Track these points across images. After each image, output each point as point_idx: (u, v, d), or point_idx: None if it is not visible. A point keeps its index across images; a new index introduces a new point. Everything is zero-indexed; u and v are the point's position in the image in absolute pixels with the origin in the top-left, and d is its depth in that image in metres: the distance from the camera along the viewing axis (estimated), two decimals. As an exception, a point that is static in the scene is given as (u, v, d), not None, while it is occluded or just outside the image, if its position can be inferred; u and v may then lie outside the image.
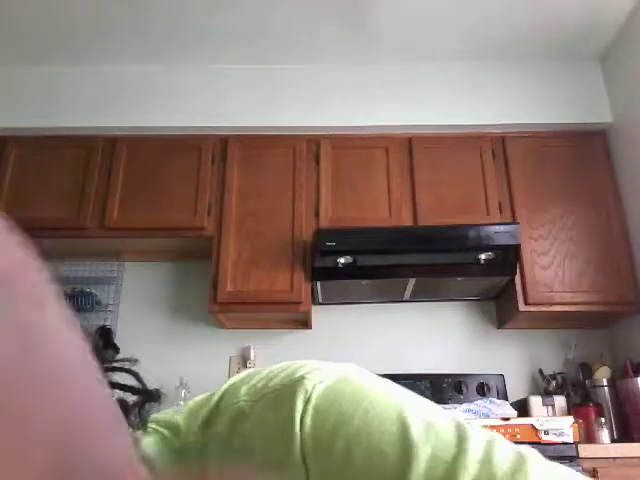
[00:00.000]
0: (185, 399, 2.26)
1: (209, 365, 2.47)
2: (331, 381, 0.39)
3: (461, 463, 0.33)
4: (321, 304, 2.55)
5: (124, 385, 0.48)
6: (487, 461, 0.33)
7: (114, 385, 0.47)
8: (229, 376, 2.44)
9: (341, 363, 0.41)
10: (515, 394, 2.39)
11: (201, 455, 0.41)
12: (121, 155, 2.54)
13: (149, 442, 0.42)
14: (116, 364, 0.48)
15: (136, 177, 2.51)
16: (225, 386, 0.44)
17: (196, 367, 2.44)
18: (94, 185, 2.49)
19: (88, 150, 2.55)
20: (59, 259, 2.60)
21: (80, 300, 2.52)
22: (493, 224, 2.31)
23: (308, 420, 0.37)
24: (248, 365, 2.49)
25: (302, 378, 0.40)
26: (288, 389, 0.40)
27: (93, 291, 2.57)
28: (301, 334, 2.56)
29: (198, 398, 0.46)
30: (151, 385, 0.49)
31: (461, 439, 0.34)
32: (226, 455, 0.40)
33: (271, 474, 0.38)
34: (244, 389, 0.42)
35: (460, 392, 2.35)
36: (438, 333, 2.56)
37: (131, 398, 0.48)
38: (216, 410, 0.43)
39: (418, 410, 0.37)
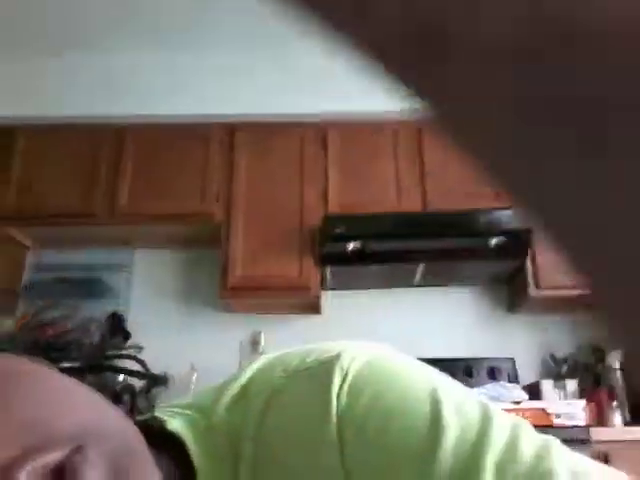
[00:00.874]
0: (196, 384, 2.27)
1: (220, 350, 2.48)
2: (367, 358, 0.40)
3: (486, 443, 0.34)
4: (331, 289, 2.55)
5: (131, 371, 0.48)
6: (512, 444, 0.34)
7: (122, 371, 0.47)
8: (240, 361, 2.45)
9: (374, 343, 0.43)
10: (527, 378, 2.38)
11: (232, 434, 0.41)
12: (129, 143, 2.54)
13: (176, 424, 0.41)
14: (123, 352, 0.48)
15: (145, 165, 2.51)
16: (254, 366, 0.44)
17: (207, 352, 2.46)
18: (103, 173, 2.50)
19: (97, 138, 2.55)
20: (71, 246, 2.62)
21: (91, 287, 2.53)
22: (503, 208, 2.29)
23: (344, 396, 0.38)
24: (259, 351, 2.50)
25: (339, 355, 0.40)
26: (325, 365, 0.40)
27: (104, 278, 2.59)
28: (311, 319, 2.57)
29: (221, 382, 0.46)
30: (159, 370, 0.49)
31: (487, 421, 0.35)
32: (261, 431, 0.40)
33: (306, 448, 0.39)
34: (278, 369, 0.42)
35: (470, 376, 2.35)
36: (449, 318, 2.56)
37: (138, 383, 0.48)
38: (244, 392, 0.42)
39: (450, 391, 0.38)
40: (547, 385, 2.21)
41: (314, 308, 2.51)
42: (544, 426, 1.84)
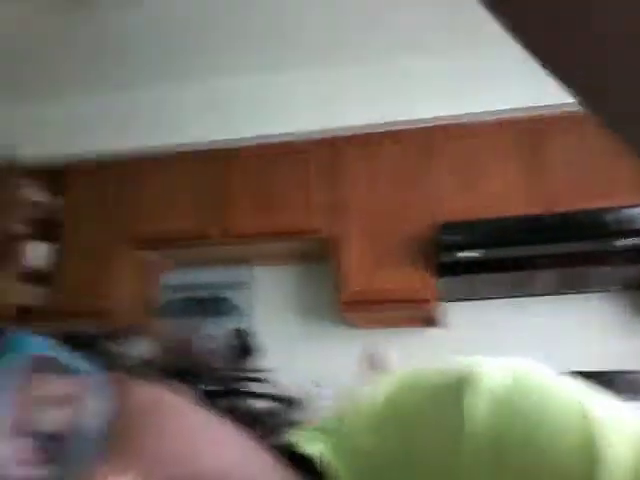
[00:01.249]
0: (320, 400, 2.30)
1: (340, 365, 2.50)
2: (505, 375, 0.37)
3: None
4: (450, 301, 2.47)
5: (262, 394, 0.48)
6: None
7: (252, 394, 0.48)
8: (361, 376, 2.45)
9: (509, 357, 0.39)
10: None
11: (372, 459, 0.41)
12: (239, 165, 2.66)
13: (317, 448, 0.42)
14: (251, 374, 0.49)
15: (254, 185, 2.61)
16: (386, 387, 0.44)
17: (327, 367, 2.48)
18: (216, 195, 2.63)
19: (208, 163, 2.69)
20: (197, 266, 2.78)
21: (218, 305, 2.67)
22: (635, 206, 2.09)
23: (480, 419, 0.36)
24: (379, 365, 2.48)
25: (472, 374, 0.38)
26: (456, 384, 0.38)
27: (229, 296, 2.72)
28: (431, 332, 2.51)
29: (351, 403, 0.46)
30: (287, 391, 0.49)
31: None
32: (398, 462, 0.40)
33: (444, 475, 0.37)
34: (409, 391, 0.41)
35: (611, 390, 2.15)
36: (580, 328, 2.37)
37: (268, 405, 0.49)
38: (383, 415, 0.42)
39: (604, 409, 0.34)
40: None
41: (433, 321, 2.45)
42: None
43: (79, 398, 0.31)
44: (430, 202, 2.41)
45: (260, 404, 0.48)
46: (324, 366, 2.50)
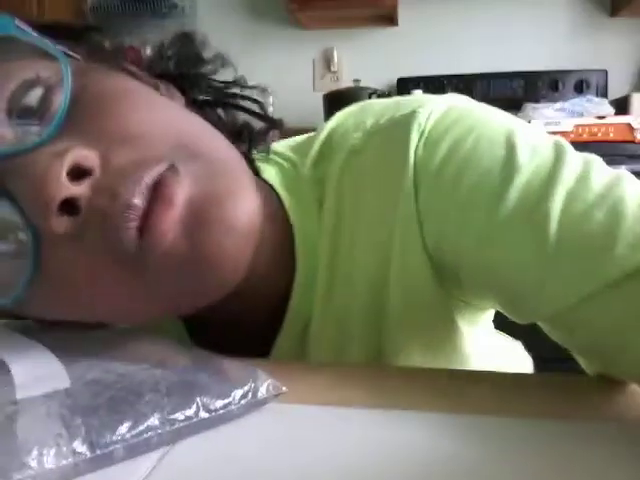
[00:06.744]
0: (274, 106, 2.26)
1: (292, 70, 2.44)
2: (442, 111, 0.40)
3: (558, 178, 0.34)
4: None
5: (252, 111, 0.48)
6: (584, 176, 0.34)
7: (242, 109, 0.48)
8: (313, 81, 2.43)
9: (448, 94, 0.43)
10: (617, 92, 2.22)
11: (316, 187, 0.44)
12: None
13: (271, 171, 0.45)
14: (239, 90, 0.48)
15: None
16: (332, 124, 0.46)
17: (279, 73, 2.40)
18: None
19: None
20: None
21: (153, 3, 2.41)
22: None
23: (421, 150, 0.39)
24: (332, 69, 2.43)
25: (415, 112, 0.40)
26: (402, 124, 0.40)
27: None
28: (387, 32, 2.40)
29: (303, 136, 0.50)
30: (269, 111, 0.50)
31: (560, 160, 0.35)
32: (342, 187, 0.43)
33: (384, 201, 0.41)
34: (354, 128, 0.44)
35: (556, 90, 2.22)
36: (538, 25, 2.31)
37: (257, 124, 0.48)
38: (327, 147, 0.45)
39: (525, 134, 0.38)
40: (638, 99, 2.05)
41: (390, 19, 2.33)
42: (626, 142, 1.78)
43: (44, 80, 0.30)
44: None
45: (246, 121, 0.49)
46: (277, 72, 2.41)
